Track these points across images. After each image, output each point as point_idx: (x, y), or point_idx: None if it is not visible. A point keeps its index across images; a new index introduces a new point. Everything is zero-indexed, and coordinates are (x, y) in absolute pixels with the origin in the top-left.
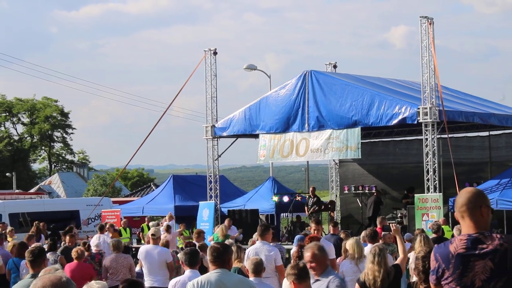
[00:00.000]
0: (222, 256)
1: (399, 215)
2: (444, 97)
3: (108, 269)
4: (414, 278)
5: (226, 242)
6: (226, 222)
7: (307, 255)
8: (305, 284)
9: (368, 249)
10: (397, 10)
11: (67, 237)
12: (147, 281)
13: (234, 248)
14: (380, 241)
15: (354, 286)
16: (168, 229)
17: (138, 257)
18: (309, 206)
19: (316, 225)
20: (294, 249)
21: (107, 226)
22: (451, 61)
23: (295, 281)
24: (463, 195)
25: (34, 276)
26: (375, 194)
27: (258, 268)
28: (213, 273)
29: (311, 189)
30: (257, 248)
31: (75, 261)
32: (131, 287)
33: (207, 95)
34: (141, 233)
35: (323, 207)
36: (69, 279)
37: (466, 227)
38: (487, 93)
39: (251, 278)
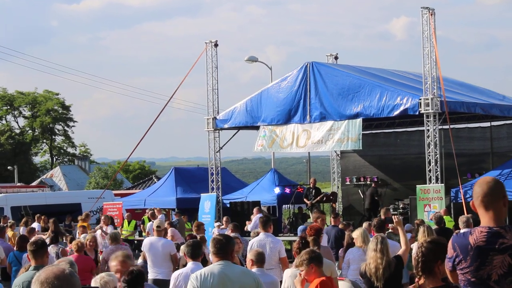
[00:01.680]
0: (225, 248)
1: (401, 205)
2: (445, 88)
3: (108, 261)
4: None
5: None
6: (255, 211)
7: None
8: (322, 270)
9: None
10: (398, 1)
11: (80, 228)
12: (150, 273)
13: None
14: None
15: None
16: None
17: (142, 249)
18: (311, 197)
19: (321, 214)
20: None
21: (102, 218)
22: (452, 52)
23: (316, 264)
24: (486, 184)
25: (37, 268)
26: (373, 185)
27: (262, 258)
28: (216, 265)
29: (311, 180)
30: (261, 240)
31: (75, 253)
32: (136, 279)
33: (208, 87)
34: (142, 225)
35: (325, 198)
36: (72, 271)
37: (487, 218)
38: (488, 84)
39: (254, 269)
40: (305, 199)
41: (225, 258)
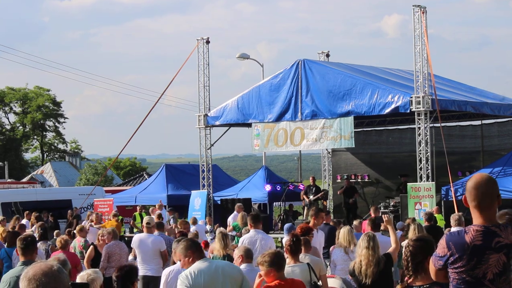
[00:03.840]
0: (201, 248)
1: (392, 203)
2: (436, 86)
3: (112, 255)
4: None
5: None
6: (237, 207)
7: None
8: (281, 273)
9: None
10: None
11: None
12: (140, 270)
13: (219, 236)
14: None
15: (345, 274)
16: (159, 218)
17: (131, 246)
18: (311, 195)
19: (320, 212)
20: (286, 238)
21: (94, 215)
22: (444, 50)
23: (275, 269)
24: (482, 182)
25: (25, 263)
26: (345, 183)
27: (251, 254)
28: (200, 263)
29: (311, 178)
30: (252, 237)
31: (60, 250)
32: (126, 275)
33: (200, 84)
34: (133, 221)
35: (318, 195)
36: (61, 267)
37: (482, 217)
38: (480, 82)
39: (244, 264)
40: (304, 196)
41: (203, 256)
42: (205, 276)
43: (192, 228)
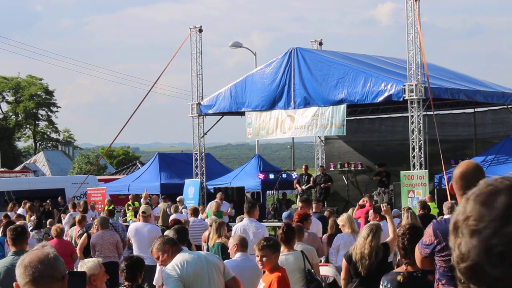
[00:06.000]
0: (177, 242)
1: (385, 190)
2: (429, 74)
3: (95, 246)
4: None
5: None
6: (218, 196)
7: None
8: (273, 259)
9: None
10: None
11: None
12: None
13: (214, 225)
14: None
15: None
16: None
17: (127, 235)
18: (303, 183)
19: (304, 203)
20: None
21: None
22: (437, 38)
23: (270, 252)
24: (467, 167)
25: (16, 253)
26: (320, 172)
27: (246, 243)
28: (182, 254)
29: (304, 167)
30: (245, 225)
31: (55, 238)
32: (134, 265)
33: (193, 72)
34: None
35: (311, 184)
36: (57, 255)
37: None
38: (473, 70)
39: (239, 253)
40: (297, 185)
41: (181, 249)
42: (191, 265)
43: (172, 217)
